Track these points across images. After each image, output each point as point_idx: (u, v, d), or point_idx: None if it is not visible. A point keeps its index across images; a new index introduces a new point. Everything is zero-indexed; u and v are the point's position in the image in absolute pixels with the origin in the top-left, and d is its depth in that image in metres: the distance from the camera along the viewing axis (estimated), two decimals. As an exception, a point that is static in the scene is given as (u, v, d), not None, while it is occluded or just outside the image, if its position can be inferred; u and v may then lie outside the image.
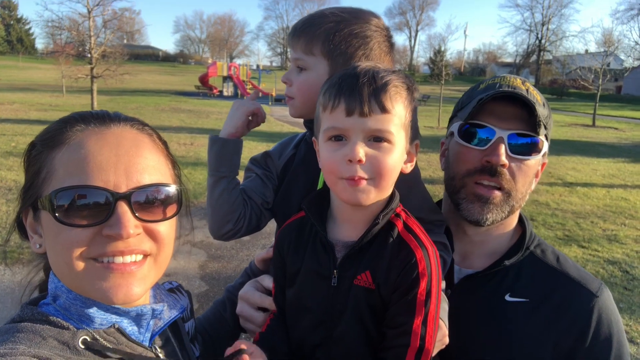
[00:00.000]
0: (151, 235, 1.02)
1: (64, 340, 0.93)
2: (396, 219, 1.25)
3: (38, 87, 37.46)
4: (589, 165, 16.69)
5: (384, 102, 1.15)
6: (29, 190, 1.02)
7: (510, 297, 1.48)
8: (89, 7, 22.54)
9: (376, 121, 1.15)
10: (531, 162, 1.47)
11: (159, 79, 58.91)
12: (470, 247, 1.59)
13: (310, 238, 1.33)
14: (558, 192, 12.41)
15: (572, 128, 30.04)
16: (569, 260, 1.58)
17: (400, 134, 1.19)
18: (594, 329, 1.42)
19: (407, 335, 1.16)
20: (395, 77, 1.20)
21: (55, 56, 29.14)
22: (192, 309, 1.41)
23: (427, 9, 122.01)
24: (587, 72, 37.44)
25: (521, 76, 1.58)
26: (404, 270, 1.17)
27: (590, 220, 9.98)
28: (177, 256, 7.16)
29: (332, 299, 1.25)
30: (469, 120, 1.48)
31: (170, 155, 1.17)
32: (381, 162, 1.16)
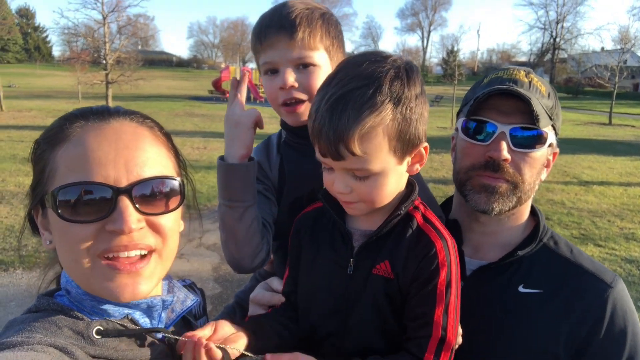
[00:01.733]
0: (155, 229, 1.02)
1: (79, 330, 0.95)
2: (415, 210, 1.27)
3: (55, 94, 38.02)
4: (606, 164, 16.44)
5: (352, 149, 1.10)
6: (36, 188, 1.04)
7: (524, 288, 1.48)
8: (104, 14, 22.94)
9: (350, 163, 1.14)
10: (536, 154, 1.46)
11: (173, 84, 59.43)
12: (482, 238, 1.59)
13: (327, 227, 1.34)
14: (574, 190, 12.24)
15: (588, 126, 29.61)
16: (582, 252, 1.57)
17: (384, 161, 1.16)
18: (609, 320, 1.41)
19: (429, 326, 1.17)
20: (367, 112, 1.10)
21: (72, 63, 29.64)
22: (204, 306, 1.42)
23: (439, 10, 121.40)
24: (603, 69, 36.85)
25: (535, 73, 1.57)
26: (424, 260, 1.18)
27: (607, 219, 9.83)
28: (190, 259, 7.22)
29: (347, 287, 1.26)
30: (472, 116, 1.49)
31: (173, 148, 1.16)
32: (366, 194, 1.18)
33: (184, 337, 1.09)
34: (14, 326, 0.94)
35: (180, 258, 7.17)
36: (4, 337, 0.90)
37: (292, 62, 1.49)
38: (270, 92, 1.55)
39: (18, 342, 0.86)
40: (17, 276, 6.41)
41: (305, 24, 1.47)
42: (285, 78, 1.48)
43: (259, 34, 1.51)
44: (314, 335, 1.34)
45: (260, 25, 1.52)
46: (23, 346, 0.85)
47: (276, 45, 1.48)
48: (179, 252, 1.13)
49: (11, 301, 5.72)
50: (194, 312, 1.35)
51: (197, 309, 1.37)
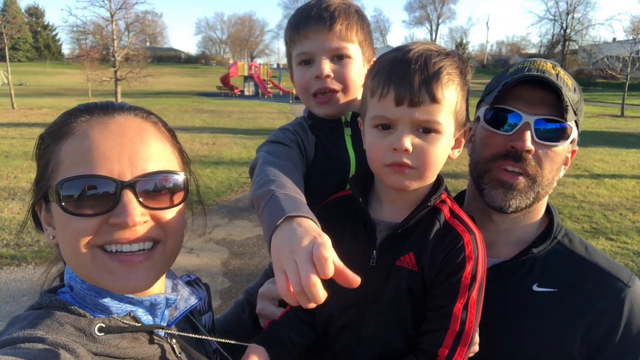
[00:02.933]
0: (159, 223, 1.02)
1: (81, 327, 0.95)
2: (442, 204, 1.25)
3: (65, 92, 38.32)
4: (618, 156, 16.24)
5: (435, 91, 1.13)
6: (40, 182, 1.04)
7: (538, 287, 1.44)
8: (111, 11, 23.03)
9: (425, 112, 1.14)
10: (559, 148, 1.42)
11: (181, 81, 59.64)
12: (496, 236, 1.55)
13: (350, 217, 1.33)
14: (585, 184, 12.11)
15: (600, 119, 29.26)
16: (597, 250, 1.53)
17: (449, 122, 1.19)
18: (626, 320, 1.37)
19: (447, 318, 1.16)
20: (448, 62, 1.18)
21: (81, 60, 29.86)
22: (209, 301, 1.41)
23: (447, 2, 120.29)
24: (615, 60, 36.41)
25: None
26: (451, 252, 1.17)
27: (619, 212, 9.72)
28: (199, 253, 7.26)
29: (369, 279, 1.21)
30: (496, 104, 1.44)
31: (177, 143, 1.17)
32: (427, 153, 1.17)
33: None
34: (16, 323, 0.94)
35: (189, 253, 7.23)
36: (6, 333, 0.90)
37: (328, 52, 1.53)
38: (302, 82, 1.58)
39: (20, 338, 0.86)
40: (30, 271, 6.49)
41: (343, 17, 1.52)
42: (321, 67, 1.51)
43: (296, 24, 1.56)
44: (330, 328, 1.32)
45: (299, 16, 1.57)
46: (25, 343, 0.85)
47: (314, 36, 1.52)
48: (188, 247, 1.13)
49: (24, 296, 5.80)
50: (198, 308, 1.34)
51: (202, 304, 1.36)
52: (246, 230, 8.52)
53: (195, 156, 14.57)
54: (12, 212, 8.85)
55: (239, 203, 10.11)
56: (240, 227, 8.67)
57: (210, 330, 1.38)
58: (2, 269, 6.62)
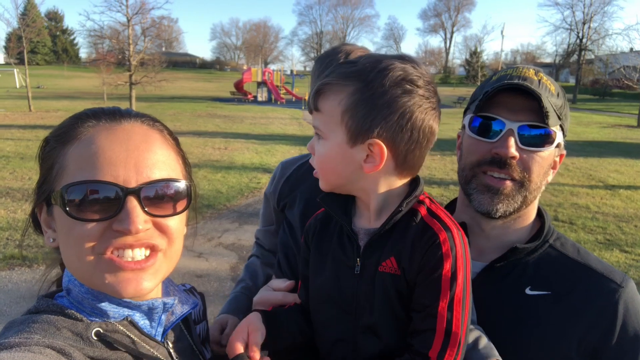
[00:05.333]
0: (161, 230, 1.02)
1: (78, 332, 0.95)
2: (419, 205, 1.23)
3: (81, 95, 38.89)
4: (633, 168, 16.01)
5: (316, 101, 1.24)
6: (43, 185, 1.04)
7: (531, 290, 1.43)
8: (128, 16, 23.34)
9: (314, 118, 1.26)
10: (544, 153, 1.42)
11: (195, 86, 60.19)
12: (486, 241, 1.55)
13: (335, 229, 1.33)
14: (599, 195, 11.95)
15: (615, 129, 28.92)
16: (590, 253, 1.52)
17: (333, 130, 1.20)
18: (622, 321, 1.36)
19: (433, 318, 1.14)
20: (336, 74, 1.20)
21: (97, 64, 30.27)
22: (204, 311, 1.41)
23: (462, 10, 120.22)
24: (632, 70, 36.01)
25: (560, 75, 1.55)
26: (428, 251, 1.15)
27: (634, 224, 9.56)
28: (208, 258, 7.28)
29: (356, 287, 1.23)
30: (479, 112, 1.46)
31: (181, 151, 1.17)
32: (317, 154, 1.26)
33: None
34: (13, 327, 0.94)
35: (198, 257, 7.26)
36: (2, 337, 0.90)
37: None
38: None
39: (16, 342, 0.86)
40: (41, 272, 6.54)
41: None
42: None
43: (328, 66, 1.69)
44: (324, 341, 1.32)
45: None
46: (20, 347, 0.85)
47: None
48: (198, 251, 1.14)
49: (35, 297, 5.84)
50: (193, 317, 1.34)
51: (197, 313, 1.36)
52: (256, 235, 8.52)
53: (207, 160, 14.73)
54: (25, 214, 8.92)
55: (249, 208, 10.13)
56: (250, 232, 8.65)
57: (205, 339, 1.38)
58: (13, 269, 6.71)
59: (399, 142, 1.17)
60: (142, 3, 23.54)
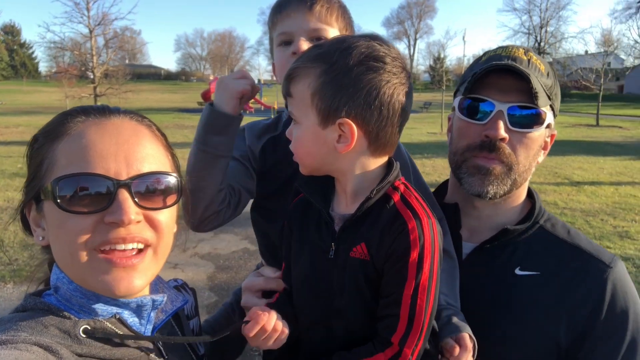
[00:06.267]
0: (151, 224, 1.03)
1: (65, 329, 0.94)
2: (393, 191, 1.23)
3: (43, 110, 37.75)
4: (596, 164, 16.60)
5: (287, 86, 1.26)
6: (32, 182, 1.03)
7: (521, 270, 1.45)
8: (90, 27, 22.88)
9: (288, 105, 1.28)
10: (534, 134, 1.44)
11: (161, 97, 59.39)
12: (477, 222, 1.57)
13: (315, 214, 1.33)
14: (566, 191, 12.33)
15: (576, 128, 29.95)
16: (580, 233, 1.54)
17: (304, 113, 1.22)
18: (609, 301, 1.38)
19: (397, 305, 1.14)
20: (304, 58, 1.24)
21: (59, 77, 29.59)
22: (197, 306, 1.41)
23: (425, 17, 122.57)
24: (589, 72, 37.43)
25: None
26: (397, 239, 1.15)
27: (600, 218, 9.90)
28: (184, 269, 7.14)
29: (330, 272, 1.24)
30: (469, 94, 1.46)
31: (170, 147, 1.18)
32: (293, 137, 1.28)
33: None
34: (0, 325, 0.93)
35: (174, 268, 7.10)
36: None
37: (307, 32, 1.56)
38: (281, 62, 1.60)
39: (2, 340, 0.86)
40: (8, 290, 6.29)
41: (324, 1, 1.57)
42: (299, 44, 1.53)
43: (279, 5, 1.61)
44: (302, 321, 1.33)
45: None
46: (7, 345, 0.84)
47: (294, 15, 1.56)
48: (173, 262, 1.13)
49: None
50: (186, 313, 1.34)
51: (189, 309, 1.36)
52: (232, 244, 8.43)
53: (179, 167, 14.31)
54: (-11, 231, 8.61)
55: (223, 217, 9.99)
56: (226, 240, 8.57)
57: (198, 335, 1.37)
58: (-22, 289, 6.41)
59: (368, 120, 1.17)
60: (104, 14, 23.12)
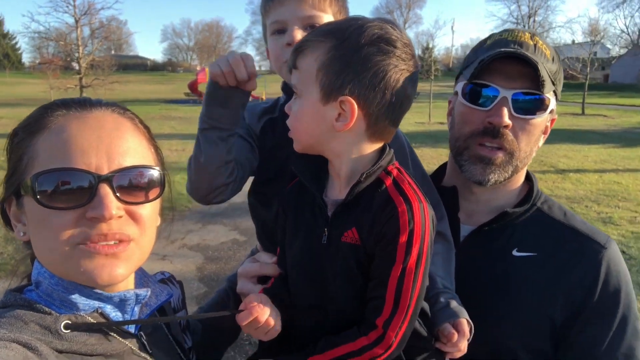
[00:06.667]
0: (133, 218, 1.01)
1: (46, 325, 0.93)
2: (386, 176, 1.23)
3: (26, 102, 37.09)
4: (580, 152, 16.77)
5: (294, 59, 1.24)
6: (12, 177, 1.02)
7: (518, 252, 1.47)
8: (76, 17, 22.46)
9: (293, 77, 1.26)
10: (537, 120, 1.44)
11: (148, 88, 58.67)
12: (475, 205, 1.58)
13: (309, 198, 1.33)
14: (551, 179, 12.46)
15: (562, 117, 30.14)
16: (575, 215, 1.57)
17: (308, 87, 1.20)
18: (603, 280, 1.41)
19: (384, 287, 1.15)
20: (315, 32, 1.25)
21: (43, 69, 29.05)
22: (184, 299, 1.39)
23: (413, 7, 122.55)
24: (575, 61, 37.61)
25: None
26: (387, 223, 1.15)
27: (585, 205, 10.04)
28: (173, 260, 7.12)
29: (323, 257, 1.25)
30: (473, 79, 1.45)
31: (153, 140, 1.17)
32: (292, 112, 1.27)
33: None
34: None
35: (163, 259, 7.08)
36: None
37: (301, 21, 1.53)
38: (275, 52, 1.58)
39: None
40: None
41: None
42: (293, 34, 1.50)
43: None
44: (299, 305, 1.33)
45: None
46: None
47: (287, 3, 1.53)
48: (161, 254, 1.12)
49: None
50: (172, 306, 1.32)
51: (176, 302, 1.34)
52: (221, 234, 8.42)
53: (165, 163, 14.16)
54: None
55: (212, 208, 9.97)
56: (215, 232, 8.56)
57: (185, 328, 1.36)
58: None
59: (371, 101, 1.16)
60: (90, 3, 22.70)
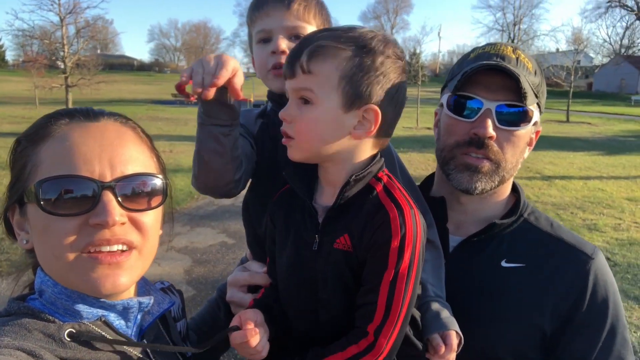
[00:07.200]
0: (136, 226, 1.02)
1: (50, 333, 0.93)
2: (376, 182, 1.24)
3: (10, 100, 36.58)
4: (566, 159, 17.04)
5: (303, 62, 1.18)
6: (15, 185, 1.02)
7: (506, 263, 1.48)
8: (61, 16, 22.16)
9: (298, 81, 1.20)
10: (521, 132, 1.47)
11: (134, 89, 58.25)
12: (464, 216, 1.59)
13: (298, 206, 1.33)
14: (537, 185, 12.63)
15: (548, 124, 30.60)
16: (562, 226, 1.59)
17: (328, 94, 1.18)
18: (591, 291, 1.43)
19: (376, 293, 1.15)
20: (331, 37, 1.20)
21: (27, 67, 28.61)
22: (183, 308, 1.40)
23: (401, 12, 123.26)
24: (559, 69, 38.20)
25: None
26: (378, 229, 1.16)
27: (570, 211, 10.18)
28: (161, 263, 7.05)
29: (314, 264, 1.24)
30: (457, 91, 1.48)
31: (154, 149, 1.18)
32: (300, 121, 1.21)
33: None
34: None
35: (151, 262, 7.00)
36: None
37: (286, 30, 1.55)
38: (260, 59, 1.60)
39: None
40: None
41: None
42: (278, 43, 1.53)
43: (257, 3, 1.59)
44: (290, 312, 1.33)
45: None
46: None
47: (272, 14, 1.55)
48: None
49: None
50: (173, 315, 1.33)
51: (176, 311, 1.35)
52: (209, 237, 8.37)
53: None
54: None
55: (200, 210, 9.92)
56: (203, 234, 8.51)
57: (185, 337, 1.37)
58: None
59: (387, 112, 1.21)
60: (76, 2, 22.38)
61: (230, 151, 1.35)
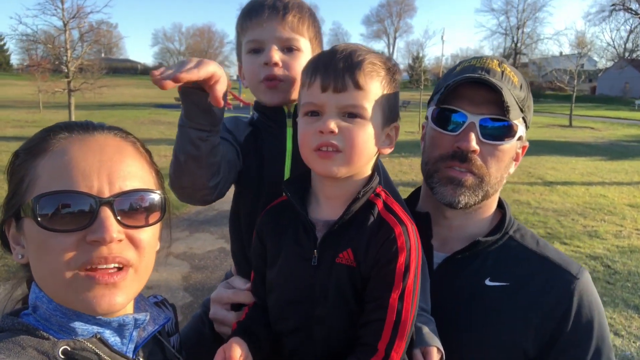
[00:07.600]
0: (133, 243, 1.01)
1: (44, 350, 0.92)
2: (376, 198, 1.26)
3: (14, 104, 36.78)
4: (568, 165, 16.97)
5: (358, 78, 1.19)
6: (12, 199, 1.01)
7: (490, 281, 1.47)
8: (64, 20, 22.25)
9: (349, 97, 1.19)
10: (505, 146, 1.45)
11: (137, 92, 58.40)
12: (448, 231, 1.58)
13: (290, 221, 1.33)
14: (539, 191, 12.58)
15: (550, 129, 30.54)
16: (548, 244, 1.57)
17: (375, 111, 1.22)
18: (576, 311, 1.41)
19: (384, 309, 1.16)
20: (373, 56, 1.24)
21: (31, 71, 28.70)
22: (177, 322, 1.40)
23: (404, 16, 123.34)
24: (563, 73, 38.14)
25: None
26: (384, 245, 1.18)
27: (571, 218, 10.13)
28: (159, 268, 6.95)
29: (313, 279, 1.24)
30: (442, 104, 1.47)
31: (154, 164, 1.17)
32: (352, 134, 1.20)
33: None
34: None
35: (148, 268, 6.99)
36: None
37: (279, 42, 1.53)
38: (252, 70, 1.56)
39: None
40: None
41: (297, 10, 1.55)
42: (271, 54, 1.50)
43: (249, 12, 1.56)
44: (281, 329, 1.32)
45: (252, 4, 1.57)
46: None
47: (266, 24, 1.52)
48: None
49: None
50: (166, 330, 1.33)
51: (169, 326, 1.35)
52: (207, 243, 8.37)
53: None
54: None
55: (199, 216, 9.92)
56: (201, 240, 8.51)
57: (178, 352, 1.36)
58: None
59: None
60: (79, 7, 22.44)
61: (206, 157, 1.32)
